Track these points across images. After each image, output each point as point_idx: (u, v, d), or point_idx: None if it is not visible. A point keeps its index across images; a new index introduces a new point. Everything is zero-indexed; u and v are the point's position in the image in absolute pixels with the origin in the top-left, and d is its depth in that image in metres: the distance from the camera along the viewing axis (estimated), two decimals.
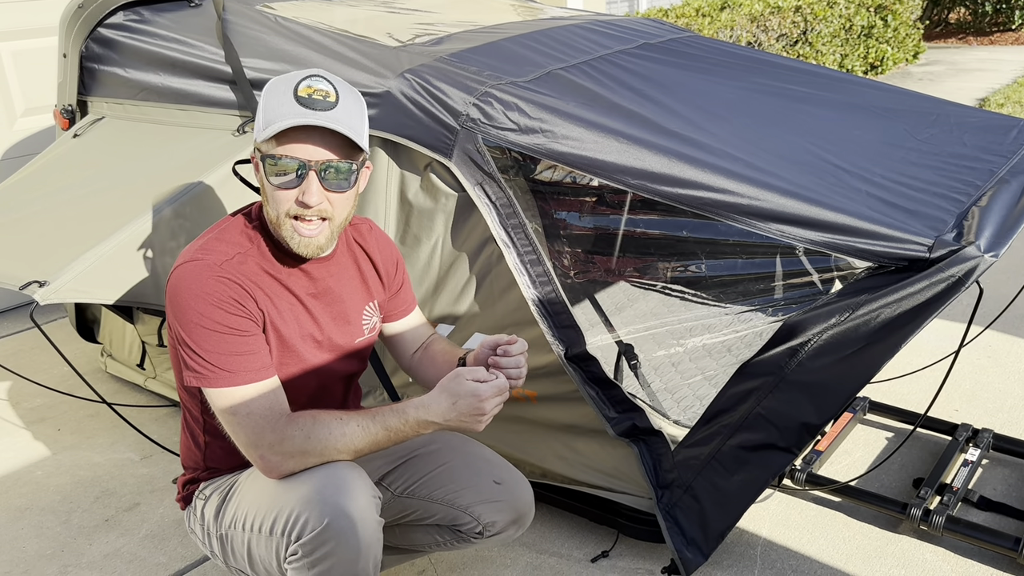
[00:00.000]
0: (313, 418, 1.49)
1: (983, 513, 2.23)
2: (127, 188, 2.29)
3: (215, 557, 1.69)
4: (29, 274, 1.97)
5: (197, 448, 1.70)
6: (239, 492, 1.61)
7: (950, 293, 1.64)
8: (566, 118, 1.98)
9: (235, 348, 1.48)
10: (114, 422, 2.83)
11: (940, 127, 2.34)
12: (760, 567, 2.08)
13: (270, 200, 1.51)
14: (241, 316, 1.50)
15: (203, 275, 1.48)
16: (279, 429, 1.47)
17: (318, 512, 1.42)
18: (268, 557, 1.53)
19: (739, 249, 2.88)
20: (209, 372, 1.48)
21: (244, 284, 1.51)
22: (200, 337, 1.47)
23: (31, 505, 2.47)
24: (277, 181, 1.48)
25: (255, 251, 1.56)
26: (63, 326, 3.41)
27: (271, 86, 1.50)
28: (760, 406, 1.85)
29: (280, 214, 1.50)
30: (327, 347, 1.66)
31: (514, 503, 1.71)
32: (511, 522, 1.72)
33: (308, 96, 1.45)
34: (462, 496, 1.69)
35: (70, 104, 2.75)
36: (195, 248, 1.54)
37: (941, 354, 2.90)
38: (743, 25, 6.77)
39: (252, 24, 2.42)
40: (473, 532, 1.71)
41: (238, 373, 1.48)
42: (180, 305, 1.48)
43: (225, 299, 1.48)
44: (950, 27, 11.26)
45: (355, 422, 1.49)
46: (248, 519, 1.55)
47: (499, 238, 2.01)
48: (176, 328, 1.50)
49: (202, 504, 1.69)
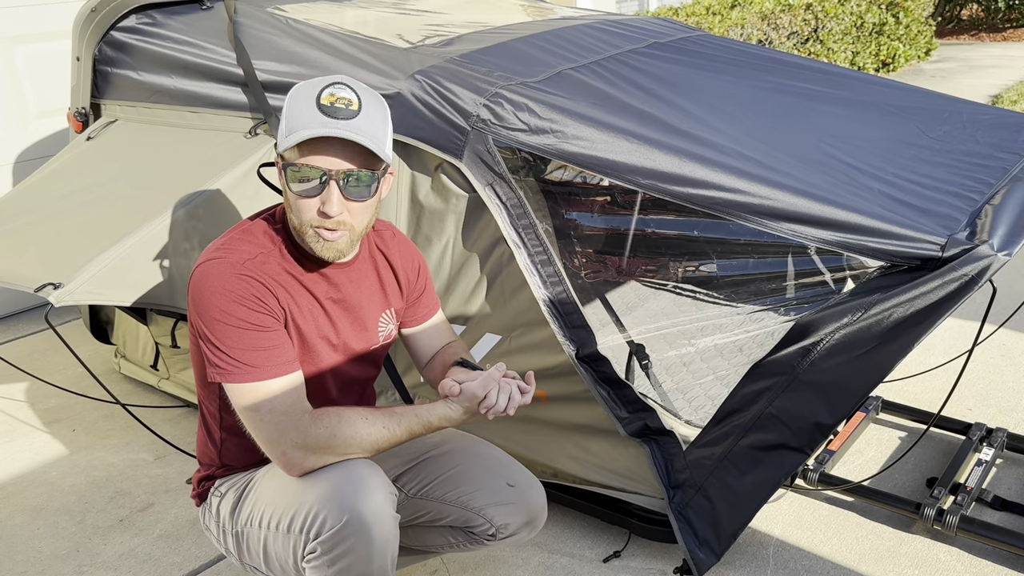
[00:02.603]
0: (339, 416, 1.50)
1: (997, 513, 2.22)
2: (141, 190, 2.30)
3: (230, 555, 1.70)
4: (44, 276, 1.98)
5: (213, 445, 1.71)
6: (256, 489, 1.62)
7: (963, 292, 1.63)
8: (576, 118, 1.98)
9: (258, 343, 1.49)
10: (128, 423, 2.85)
11: (953, 125, 2.33)
12: (772, 567, 2.08)
13: (293, 207, 1.52)
14: (263, 313, 1.50)
15: (225, 272, 1.49)
16: (303, 426, 1.47)
17: (337, 510, 1.43)
18: (284, 555, 1.53)
19: (751, 249, 2.87)
20: (232, 367, 1.48)
21: (266, 282, 1.52)
22: (223, 333, 1.48)
23: (47, 505, 2.49)
24: (298, 189, 1.49)
25: (277, 253, 1.57)
26: (77, 327, 3.44)
27: (295, 93, 1.50)
28: (772, 406, 1.84)
29: (303, 222, 1.51)
30: (342, 351, 1.67)
31: (527, 505, 1.71)
32: (524, 524, 1.72)
33: (331, 104, 1.45)
34: (475, 498, 1.70)
35: (83, 107, 2.77)
36: (217, 246, 1.55)
37: (954, 353, 2.88)
38: (754, 23, 6.75)
39: (263, 26, 2.43)
40: (486, 534, 1.71)
41: (261, 368, 1.48)
42: (202, 302, 1.49)
43: (247, 296, 1.49)
44: (962, 24, 11.19)
45: (380, 423, 1.51)
46: (265, 517, 1.56)
47: (510, 239, 2.01)
48: (198, 324, 1.51)
49: (217, 501, 1.69)
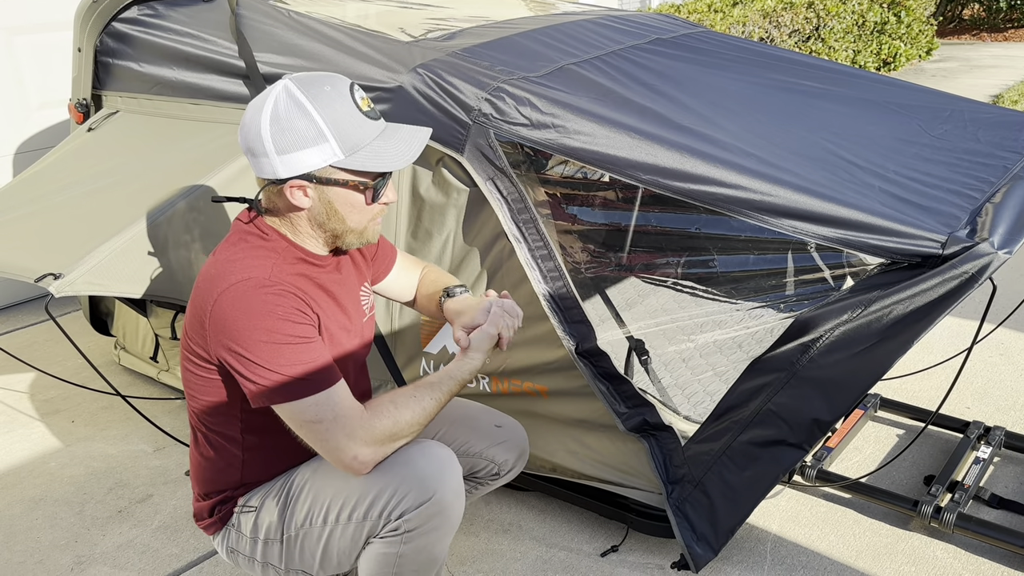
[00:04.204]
0: (393, 403, 1.52)
1: (994, 511, 2.22)
2: (141, 182, 2.30)
3: (267, 569, 1.65)
4: (44, 267, 1.98)
5: (231, 468, 1.66)
6: (310, 489, 1.60)
7: (963, 290, 1.63)
8: (578, 113, 1.98)
9: (307, 357, 1.47)
10: (127, 414, 2.85)
11: (954, 123, 2.33)
12: (770, 563, 2.08)
13: (355, 214, 1.55)
14: (305, 324, 1.49)
15: (259, 293, 1.45)
16: (367, 424, 1.48)
17: (424, 488, 1.49)
18: (350, 546, 1.56)
19: (751, 245, 2.88)
20: (287, 386, 1.45)
21: (297, 292, 1.50)
22: (270, 354, 1.44)
23: (45, 496, 2.50)
24: (383, 197, 1.55)
25: (283, 262, 1.55)
26: (77, 318, 3.44)
27: (328, 103, 1.47)
28: (771, 402, 1.85)
29: (366, 223, 1.57)
30: (355, 332, 1.69)
31: (517, 440, 1.85)
32: (518, 457, 1.85)
33: (371, 109, 1.53)
34: (473, 445, 1.80)
35: (85, 98, 2.77)
36: (229, 270, 1.49)
37: (953, 351, 2.89)
38: (755, 21, 6.74)
39: (265, 19, 2.43)
40: (490, 474, 1.83)
41: (315, 381, 1.46)
42: (238, 328, 1.44)
43: (289, 311, 1.47)
44: (964, 23, 11.18)
45: (427, 396, 1.55)
46: (332, 511, 1.55)
47: (510, 233, 2.01)
48: (235, 350, 1.45)
49: (252, 516, 1.65)
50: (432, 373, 1.63)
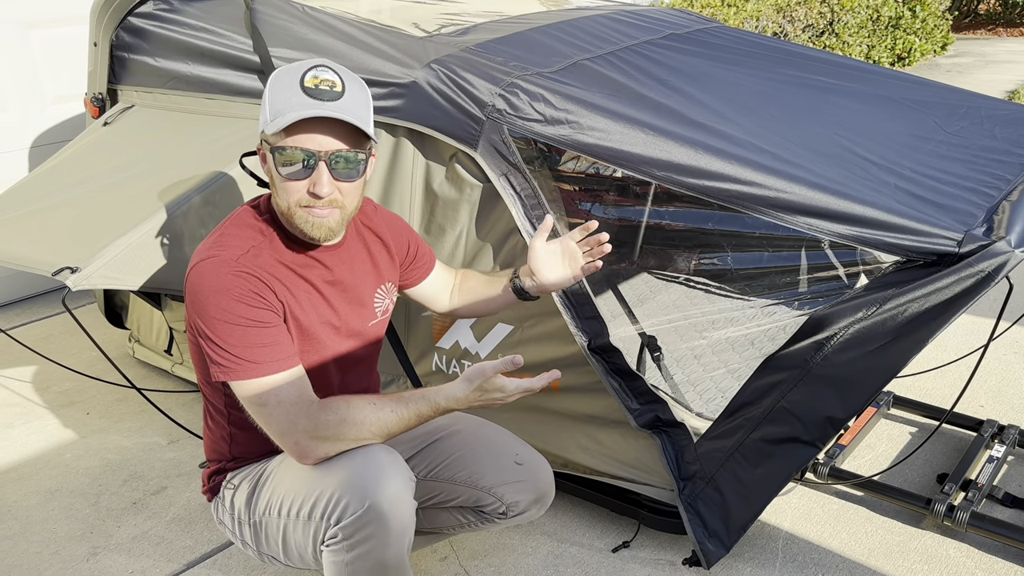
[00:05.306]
0: (347, 403, 1.50)
1: (1008, 510, 2.21)
2: (157, 176, 2.31)
3: (247, 546, 1.70)
4: (61, 260, 2.00)
5: (223, 440, 1.72)
6: (272, 479, 1.63)
7: (979, 288, 1.62)
8: (592, 109, 1.97)
9: (259, 340, 1.49)
10: (142, 406, 2.87)
11: (970, 120, 2.31)
12: (781, 560, 2.08)
13: (280, 191, 1.53)
14: (262, 308, 1.51)
15: (221, 271, 1.50)
16: (312, 415, 1.48)
17: (359, 496, 1.44)
18: (304, 542, 1.55)
19: (765, 242, 2.87)
20: (235, 365, 1.49)
21: (262, 277, 1.52)
22: (224, 332, 1.48)
23: (61, 487, 2.52)
24: (287, 172, 1.49)
25: (267, 244, 1.57)
26: (92, 311, 3.46)
27: (276, 77, 1.51)
28: (785, 399, 1.84)
29: (291, 204, 1.52)
30: (345, 332, 1.69)
31: (536, 482, 1.74)
32: (533, 501, 1.75)
33: (315, 87, 1.47)
34: (485, 477, 1.72)
35: (100, 92, 2.78)
36: (209, 245, 1.55)
37: (967, 349, 2.87)
38: (769, 15, 6.71)
39: (280, 14, 2.43)
40: (497, 513, 1.74)
41: (264, 363, 1.49)
42: (201, 302, 1.50)
43: (246, 293, 1.49)
44: (979, 18, 11.09)
45: (388, 407, 1.51)
46: (284, 505, 1.57)
47: (524, 229, 2.02)
48: (198, 324, 1.51)
49: (231, 494, 1.70)
50: (410, 389, 1.58)
